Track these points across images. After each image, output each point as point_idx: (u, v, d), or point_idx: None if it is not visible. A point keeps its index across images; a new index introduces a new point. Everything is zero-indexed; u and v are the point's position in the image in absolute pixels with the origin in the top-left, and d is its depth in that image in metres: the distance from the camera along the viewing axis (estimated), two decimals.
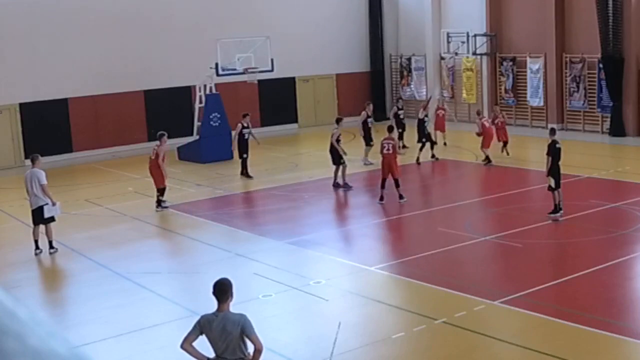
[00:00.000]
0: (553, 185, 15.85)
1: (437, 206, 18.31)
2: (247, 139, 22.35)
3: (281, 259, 14.25)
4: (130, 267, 14.09)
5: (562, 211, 15.89)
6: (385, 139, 18.41)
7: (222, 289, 7.04)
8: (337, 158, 20.02)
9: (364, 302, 11.72)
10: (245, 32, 27.54)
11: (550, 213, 15.88)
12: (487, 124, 22.93)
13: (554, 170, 15.88)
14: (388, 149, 18.15)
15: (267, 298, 11.97)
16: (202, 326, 7.00)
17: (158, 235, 16.71)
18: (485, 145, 22.49)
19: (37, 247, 15.08)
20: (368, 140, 23.32)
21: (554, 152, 15.89)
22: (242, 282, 13.05)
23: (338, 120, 20.78)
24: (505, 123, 23.94)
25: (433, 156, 23.55)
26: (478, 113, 24.21)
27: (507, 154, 23.30)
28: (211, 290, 7.12)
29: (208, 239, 16.03)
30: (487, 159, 22.44)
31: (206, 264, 14.22)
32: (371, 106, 24.70)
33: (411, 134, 25.72)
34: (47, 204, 14.97)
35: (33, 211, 15.11)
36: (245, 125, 22.53)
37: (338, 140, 19.99)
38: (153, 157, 18.67)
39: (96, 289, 12.98)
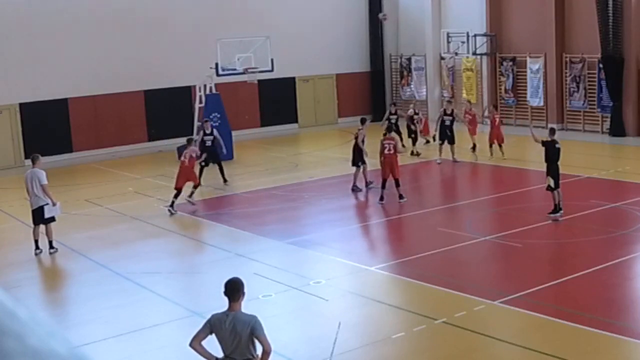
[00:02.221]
0: (552, 185, 15.85)
1: (437, 206, 18.29)
2: (208, 146, 21.55)
3: (281, 259, 14.25)
4: (130, 267, 14.08)
5: (562, 211, 15.89)
6: (385, 139, 18.42)
7: (234, 288, 7.05)
8: (360, 159, 19.66)
9: (364, 302, 11.72)
10: (245, 32, 27.53)
11: (551, 213, 15.88)
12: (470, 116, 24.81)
13: (553, 171, 15.89)
14: (389, 149, 18.17)
15: (267, 298, 11.97)
16: (213, 325, 7.00)
17: (158, 235, 16.71)
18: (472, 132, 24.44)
19: (37, 247, 15.08)
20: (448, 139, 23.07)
21: (552, 152, 15.91)
22: None
23: (363, 121, 20.23)
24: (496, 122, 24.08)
25: (413, 152, 24.17)
26: (469, 102, 26.39)
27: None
28: (222, 289, 7.11)
29: (208, 239, 16.03)
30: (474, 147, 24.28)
31: (206, 264, 14.23)
32: (451, 106, 24.34)
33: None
34: (47, 204, 14.96)
35: (33, 211, 15.11)
36: (208, 132, 21.85)
37: (363, 142, 19.68)
38: (187, 161, 18.30)
39: (96, 289, 12.98)
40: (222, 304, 7.18)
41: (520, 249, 13.94)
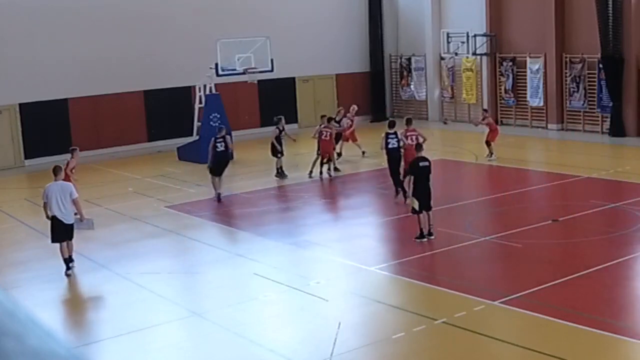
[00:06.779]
0: (417, 207, 14.35)
1: (437, 206, 18.24)
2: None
3: (281, 259, 14.25)
4: (130, 267, 14.08)
5: (432, 236, 14.57)
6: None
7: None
8: None
9: (364, 302, 11.71)
10: (245, 32, 27.54)
11: (417, 238, 14.57)
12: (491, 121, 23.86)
13: (419, 191, 14.38)
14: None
15: (267, 298, 11.97)
16: None
17: (158, 235, 16.71)
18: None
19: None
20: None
21: (416, 170, 14.54)
22: (242, 282, 13.06)
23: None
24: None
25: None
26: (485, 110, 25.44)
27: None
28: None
29: (208, 239, 16.03)
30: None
31: (206, 264, 14.22)
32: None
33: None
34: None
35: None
36: (281, 128, 22.32)
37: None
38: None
39: (96, 289, 12.99)
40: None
41: (520, 249, 13.93)
